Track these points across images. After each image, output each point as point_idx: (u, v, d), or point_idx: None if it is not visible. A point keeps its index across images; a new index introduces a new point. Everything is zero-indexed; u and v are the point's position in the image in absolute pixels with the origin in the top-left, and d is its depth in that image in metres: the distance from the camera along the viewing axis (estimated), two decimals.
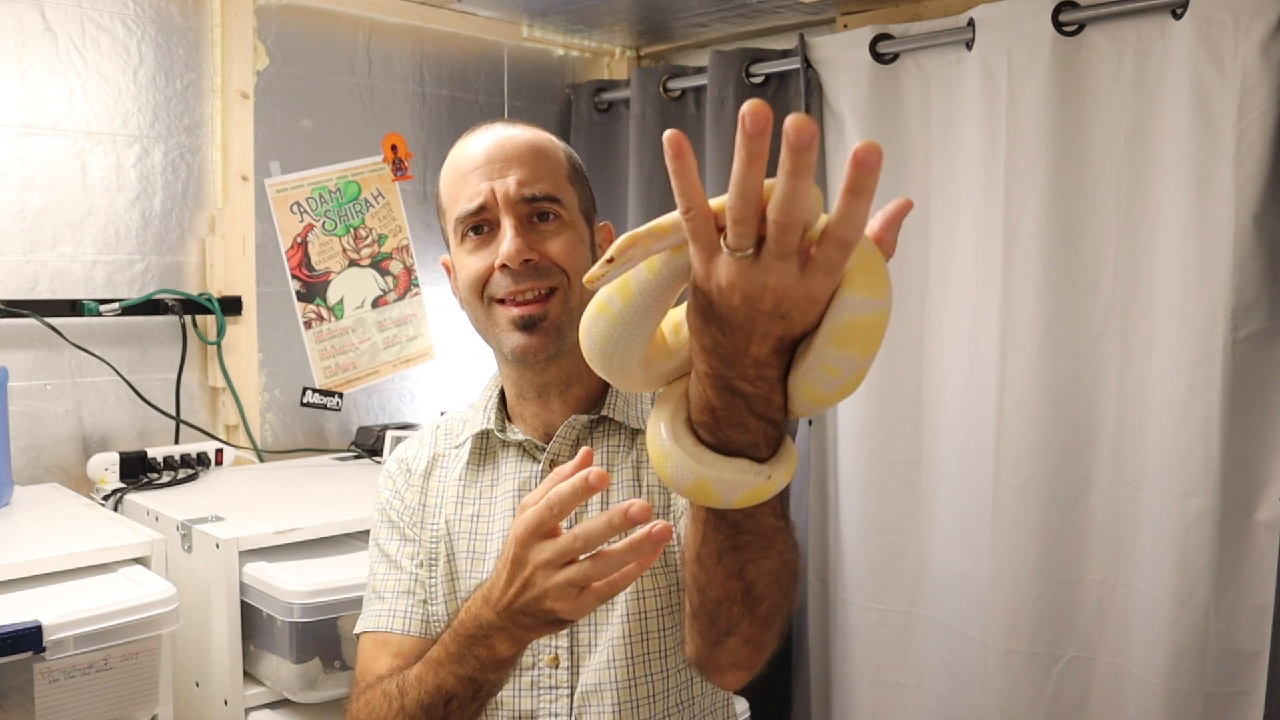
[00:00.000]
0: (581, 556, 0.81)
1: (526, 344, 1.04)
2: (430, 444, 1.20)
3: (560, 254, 1.05)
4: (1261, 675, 1.65)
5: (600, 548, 0.81)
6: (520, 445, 1.12)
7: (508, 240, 1.03)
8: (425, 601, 1.13)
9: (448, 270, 1.16)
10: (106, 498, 1.82)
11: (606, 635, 1.06)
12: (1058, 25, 1.81)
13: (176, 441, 2.04)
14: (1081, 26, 1.80)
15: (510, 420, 1.15)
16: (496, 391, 1.17)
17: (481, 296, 1.07)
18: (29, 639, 1.25)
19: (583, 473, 0.79)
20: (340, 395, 2.27)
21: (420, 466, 1.18)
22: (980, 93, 1.91)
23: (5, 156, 1.87)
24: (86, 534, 1.52)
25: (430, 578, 1.13)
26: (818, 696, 2.26)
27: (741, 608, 0.82)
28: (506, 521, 1.10)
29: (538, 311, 1.04)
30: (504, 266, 1.03)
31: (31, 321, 1.87)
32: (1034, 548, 1.87)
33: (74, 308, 1.91)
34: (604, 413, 1.11)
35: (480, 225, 1.06)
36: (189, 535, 1.58)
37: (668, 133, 0.57)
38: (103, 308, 1.93)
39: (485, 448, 1.15)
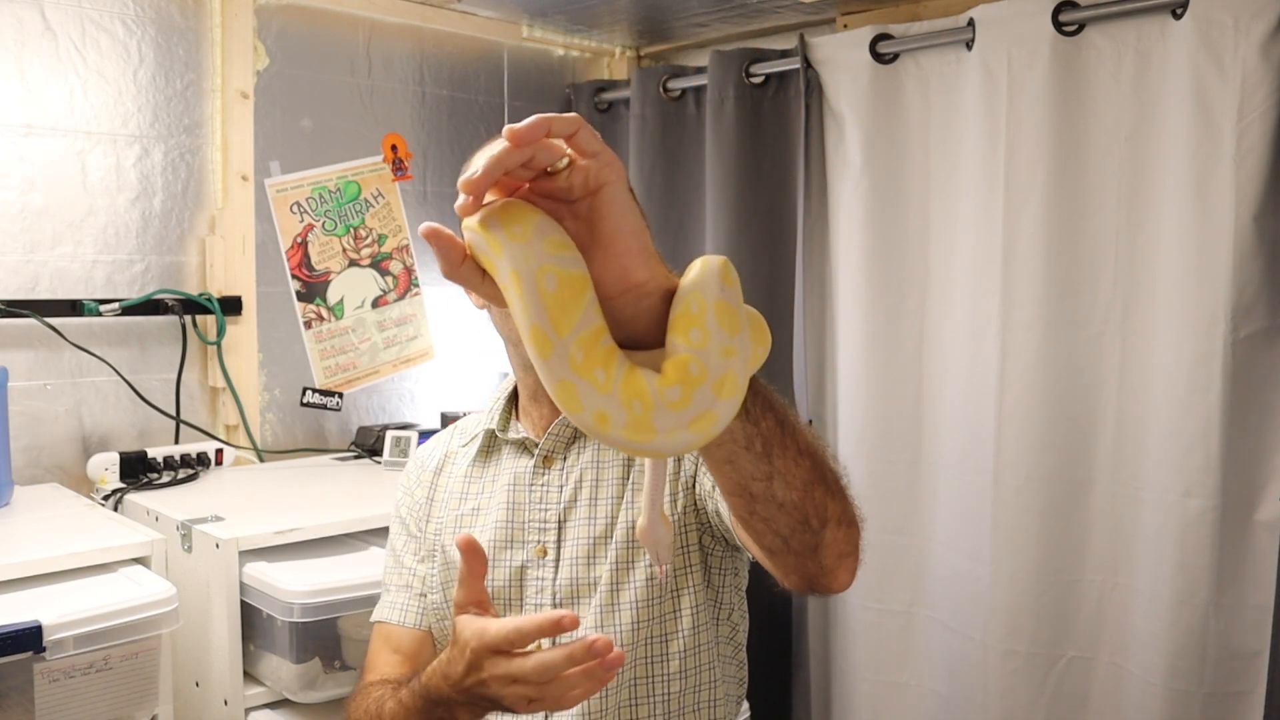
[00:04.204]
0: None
1: None
2: (445, 442, 1.29)
3: None
4: (1261, 675, 1.65)
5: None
6: (520, 443, 1.19)
7: None
8: (423, 595, 1.21)
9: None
10: (106, 498, 1.82)
11: (579, 631, 1.08)
12: (1058, 25, 1.81)
13: (176, 441, 2.04)
14: (1081, 26, 1.80)
15: (518, 419, 1.22)
16: (507, 393, 1.24)
17: None
18: (29, 639, 1.25)
19: (557, 614, 0.85)
20: (340, 395, 2.27)
21: (432, 464, 1.27)
22: (980, 93, 1.91)
23: (5, 156, 1.87)
24: (86, 534, 1.52)
25: (429, 571, 1.22)
26: (818, 696, 2.26)
27: (822, 488, 0.82)
28: (498, 514, 1.17)
29: None
30: None
31: (31, 321, 1.87)
32: (1034, 548, 1.87)
33: (74, 308, 1.91)
34: None
35: None
36: (189, 535, 1.58)
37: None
38: (103, 308, 1.93)
39: (490, 445, 1.23)
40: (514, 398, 1.25)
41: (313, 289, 2.25)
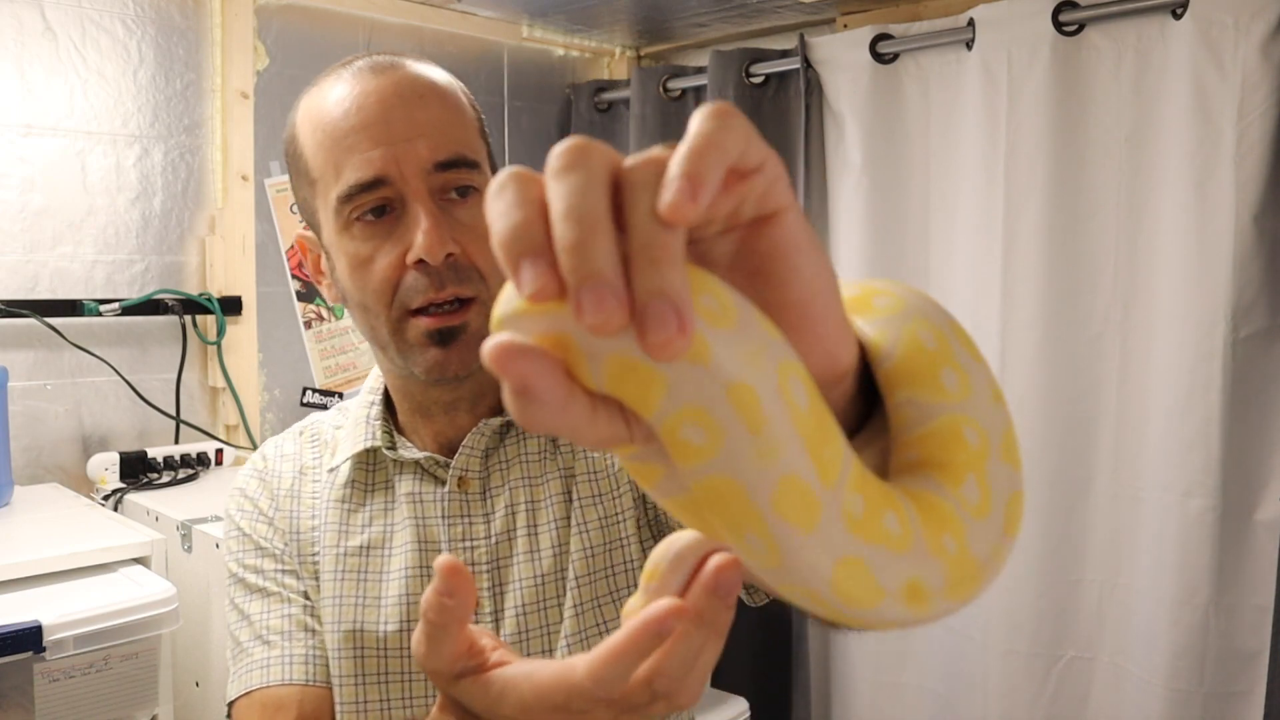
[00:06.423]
0: None
1: (444, 360, 0.82)
2: (295, 455, 0.98)
3: (481, 254, 0.81)
4: (1261, 675, 1.66)
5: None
6: (417, 464, 0.89)
7: (424, 230, 0.79)
8: (323, 641, 0.90)
9: (304, 251, 0.91)
10: (106, 498, 1.82)
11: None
12: (1058, 25, 1.81)
13: (176, 441, 2.04)
14: (1081, 26, 1.81)
15: (400, 432, 0.92)
16: (379, 399, 0.93)
17: (391, 305, 0.82)
18: (29, 639, 1.25)
19: (658, 612, 0.44)
20: (340, 395, 2.27)
21: (285, 483, 0.96)
22: (980, 93, 1.92)
23: (5, 156, 1.87)
24: (86, 534, 1.52)
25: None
26: (818, 696, 2.26)
27: None
28: (407, 558, 0.87)
29: (457, 322, 0.81)
30: (420, 263, 0.80)
31: (31, 321, 1.87)
32: (1034, 548, 1.87)
33: (74, 308, 1.91)
34: None
35: (381, 206, 0.81)
36: (189, 535, 1.58)
37: None
38: (103, 308, 1.93)
39: (372, 466, 0.92)
40: (388, 403, 0.93)
41: (312, 289, 2.25)
